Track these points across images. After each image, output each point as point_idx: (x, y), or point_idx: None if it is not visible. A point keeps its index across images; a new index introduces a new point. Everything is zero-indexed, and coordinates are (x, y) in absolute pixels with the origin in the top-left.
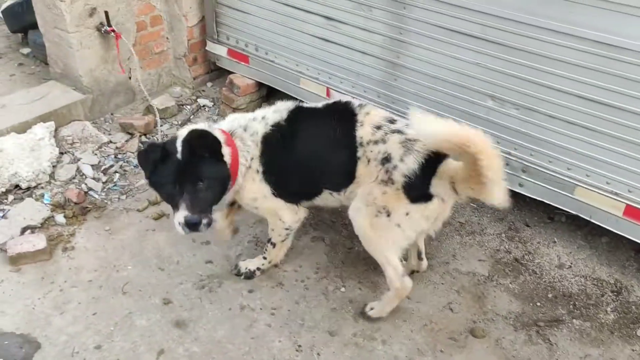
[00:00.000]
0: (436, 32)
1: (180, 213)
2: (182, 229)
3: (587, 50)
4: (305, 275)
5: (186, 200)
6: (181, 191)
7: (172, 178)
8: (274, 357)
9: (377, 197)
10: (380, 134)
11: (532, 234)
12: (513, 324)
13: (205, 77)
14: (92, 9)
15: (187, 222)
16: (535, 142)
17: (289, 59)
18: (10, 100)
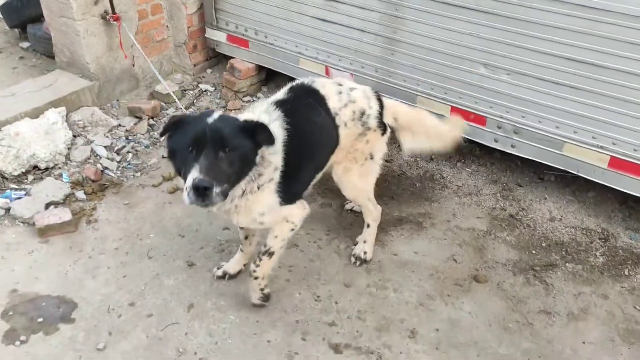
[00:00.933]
0: (431, 6)
1: (190, 176)
2: (188, 194)
3: (572, 14)
4: (317, 237)
5: (201, 162)
6: (198, 154)
7: (189, 140)
8: (295, 306)
9: (361, 149)
10: (344, 98)
11: (525, 192)
12: (512, 269)
13: (205, 64)
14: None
15: (195, 185)
16: (526, 104)
17: (288, 40)
18: (20, 88)
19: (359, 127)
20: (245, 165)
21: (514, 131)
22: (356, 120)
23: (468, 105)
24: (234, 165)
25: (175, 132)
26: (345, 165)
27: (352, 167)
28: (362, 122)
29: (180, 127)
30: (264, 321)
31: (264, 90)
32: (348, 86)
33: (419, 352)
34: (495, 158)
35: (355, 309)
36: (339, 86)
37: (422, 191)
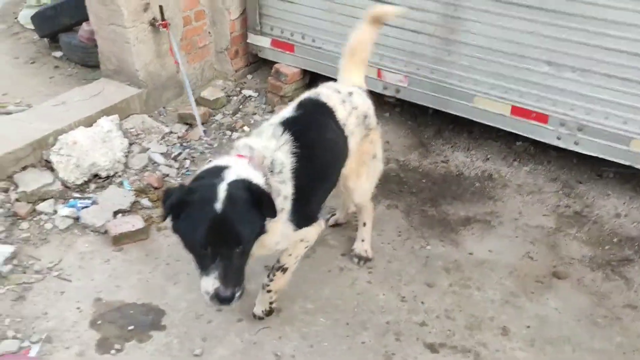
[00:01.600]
0: (492, 5)
1: (210, 281)
2: (209, 299)
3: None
4: (390, 238)
5: (219, 268)
6: (214, 255)
7: (201, 237)
8: (382, 308)
9: (367, 150)
10: (348, 106)
11: (586, 189)
12: (589, 265)
13: (245, 69)
14: (146, 4)
15: (219, 298)
16: (592, 101)
17: (338, 44)
18: (69, 97)
19: (363, 130)
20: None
21: (578, 128)
22: (360, 125)
23: (529, 104)
24: (246, 255)
25: (180, 216)
26: (357, 171)
27: (362, 171)
28: (365, 125)
29: (185, 211)
30: (354, 323)
31: None
32: (346, 91)
33: (515, 350)
34: (551, 156)
35: (443, 309)
36: (339, 94)
37: (484, 190)
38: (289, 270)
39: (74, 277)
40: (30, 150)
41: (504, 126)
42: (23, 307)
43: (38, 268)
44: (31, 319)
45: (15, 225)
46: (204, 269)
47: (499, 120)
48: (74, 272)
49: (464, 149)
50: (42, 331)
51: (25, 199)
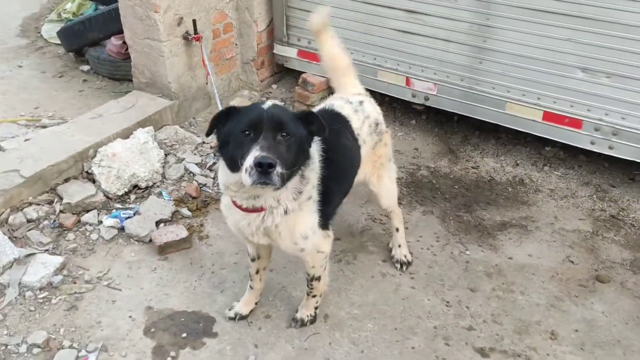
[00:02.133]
0: (525, 13)
1: (251, 156)
2: (250, 174)
3: None
4: (429, 244)
5: (261, 142)
6: (256, 136)
7: (246, 124)
8: (428, 313)
9: (384, 153)
10: (360, 115)
11: (620, 193)
12: (630, 268)
13: (270, 79)
14: (179, 19)
15: (258, 162)
16: (627, 106)
17: (366, 53)
18: (105, 110)
19: (375, 137)
20: (301, 154)
21: (613, 133)
22: (372, 133)
23: (563, 110)
24: (290, 151)
25: (227, 121)
26: (377, 174)
27: (383, 173)
28: (377, 132)
29: (232, 116)
30: (402, 328)
31: None
32: (357, 100)
33: (566, 354)
34: (581, 161)
35: (489, 313)
36: (350, 104)
37: (517, 195)
38: (322, 277)
39: (124, 286)
40: (72, 162)
41: (536, 132)
42: (76, 317)
43: (88, 278)
44: (85, 328)
45: (62, 236)
46: (245, 154)
47: (530, 125)
48: (123, 281)
49: (493, 155)
50: (97, 340)
51: (70, 210)
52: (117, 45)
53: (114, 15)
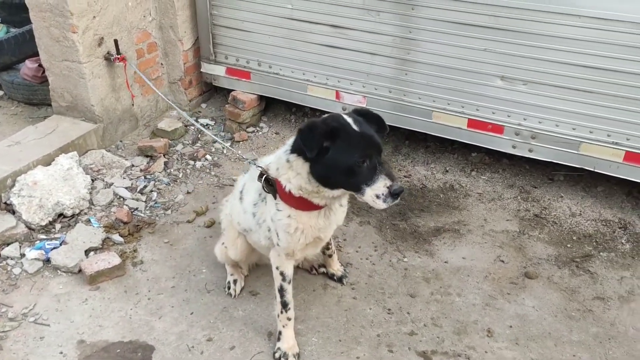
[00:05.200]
0: (445, 26)
1: (380, 184)
2: (385, 200)
3: (583, 25)
4: (367, 254)
5: (384, 171)
6: (372, 163)
7: (360, 153)
8: (371, 321)
9: None
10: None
11: (541, 193)
12: (555, 263)
13: (199, 98)
14: (100, 39)
15: (395, 191)
16: (543, 111)
17: (295, 69)
18: (22, 136)
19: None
20: None
21: (532, 136)
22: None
23: (485, 117)
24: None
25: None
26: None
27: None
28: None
29: (338, 138)
30: (346, 339)
31: (265, 120)
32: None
33: (502, 349)
34: (505, 164)
35: (429, 317)
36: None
37: (448, 201)
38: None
39: (52, 321)
40: None
41: (462, 139)
42: (1, 358)
43: (12, 315)
44: None
45: None
46: (367, 181)
47: (456, 133)
48: (51, 315)
49: (423, 163)
50: None
51: None
52: (33, 68)
53: (27, 38)
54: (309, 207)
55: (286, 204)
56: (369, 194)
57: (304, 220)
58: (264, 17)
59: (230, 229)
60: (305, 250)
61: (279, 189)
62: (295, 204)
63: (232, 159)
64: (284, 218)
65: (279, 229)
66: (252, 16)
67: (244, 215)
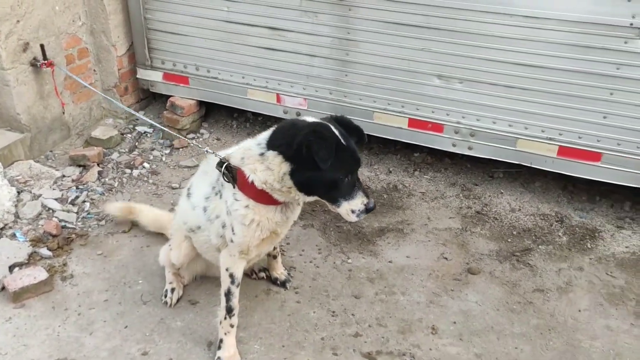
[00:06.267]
0: (382, 27)
1: (358, 200)
2: (358, 215)
3: (514, 24)
4: (311, 257)
5: (361, 189)
6: (353, 179)
7: (345, 171)
8: (315, 325)
9: None
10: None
11: (482, 190)
12: (497, 258)
13: (137, 105)
14: (25, 44)
15: (369, 209)
16: (480, 108)
17: (234, 72)
18: None
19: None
20: None
21: (471, 134)
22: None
23: (425, 116)
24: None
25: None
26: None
27: None
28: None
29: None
30: (290, 344)
31: (205, 126)
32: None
33: (447, 346)
34: (446, 163)
35: (374, 317)
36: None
37: (392, 201)
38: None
39: None
40: None
41: (403, 138)
42: None
43: None
44: None
45: None
46: (346, 196)
47: (397, 133)
48: None
49: (367, 165)
50: None
51: None
52: None
53: None
54: (268, 201)
55: (245, 195)
56: (345, 208)
57: (261, 212)
58: (200, 21)
59: (178, 232)
60: (260, 247)
61: (239, 178)
62: (254, 196)
63: (171, 166)
64: (241, 208)
65: (235, 220)
66: (188, 19)
67: (193, 212)
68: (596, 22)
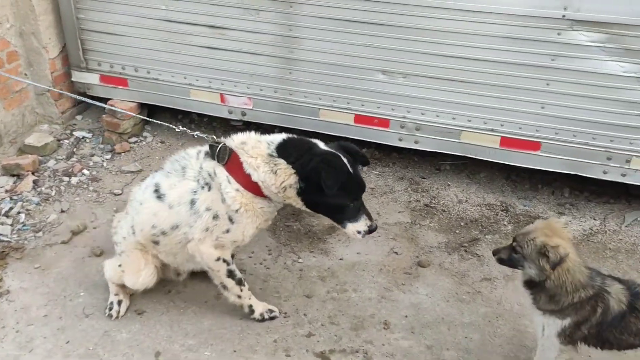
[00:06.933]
0: (325, 23)
1: (362, 223)
2: (364, 235)
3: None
4: (261, 258)
5: (365, 212)
6: (358, 204)
7: (352, 198)
8: (267, 327)
9: None
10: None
11: (430, 183)
12: (445, 250)
13: (73, 110)
14: None
15: (372, 230)
16: (424, 102)
17: (175, 73)
18: None
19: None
20: None
21: (416, 128)
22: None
23: (371, 111)
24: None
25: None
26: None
27: None
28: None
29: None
30: (241, 349)
31: (148, 129)
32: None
33: (399, 340)
34: (394, 158)
35: (326, 316)
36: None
37: None
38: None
39: None
40: None
41: (350, 135)
42: None
43: None
44: None
45: None
46: (351, 219)
47: (344, 130)
48: None
49: None
50: None
51: None
52: None
53: None
54: (256, 192)
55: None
56: (351, 229)
57: (249, 199)
58: (137, 20)
59: (133, 254)
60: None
61: (233, 161)
62: (245, 184)
63: (113, 172)
64: (232, 191)
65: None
66: (124, 19)
67: (169, 211)
68: (531, 14)
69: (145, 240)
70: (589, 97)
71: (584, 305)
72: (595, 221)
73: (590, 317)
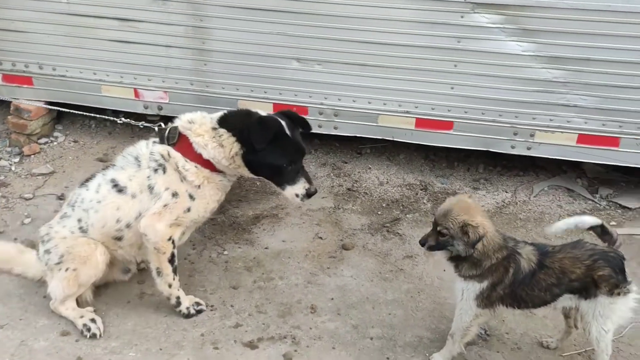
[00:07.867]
0: (236, 12)
1: (300, 185)
2: (302, 199)
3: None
4: (185, 253)
5: (304, 175)
6: (297, 167)
7: (289, 159)
8: (193, 322)
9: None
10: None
11: (352, 167)
12: (369, 231)
13: None
14: None
15: (311, 193)
16: (340, 88)
17: (84, 69)
18: None
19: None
20: None
21: (334, 114)
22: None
23: (289, 100)
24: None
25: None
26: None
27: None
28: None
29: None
30: (168, 346)
31: (60, 128)
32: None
33: (325, 322)
34: (316, 144)
35: (253, 305)
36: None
37: (265, 188)
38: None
39: None
40: None
41: None
42: None
43: None
44: None
45: None
46: (289, 181)
47: None
48: None
49: None
50: None
51: None
52: None
53: None
54: (212, 169)
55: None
56: (289, 192)
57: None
58: (38, 15)
59: (80, 247)
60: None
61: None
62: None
63: (22, 176)
64: (192, 168)
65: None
66: (23, 14)
67: (132, 201)
68: None
69: (106, 237)
70: (493, 76)
71: (498, 268)
72: (507, 194)
73: (504, 277)
